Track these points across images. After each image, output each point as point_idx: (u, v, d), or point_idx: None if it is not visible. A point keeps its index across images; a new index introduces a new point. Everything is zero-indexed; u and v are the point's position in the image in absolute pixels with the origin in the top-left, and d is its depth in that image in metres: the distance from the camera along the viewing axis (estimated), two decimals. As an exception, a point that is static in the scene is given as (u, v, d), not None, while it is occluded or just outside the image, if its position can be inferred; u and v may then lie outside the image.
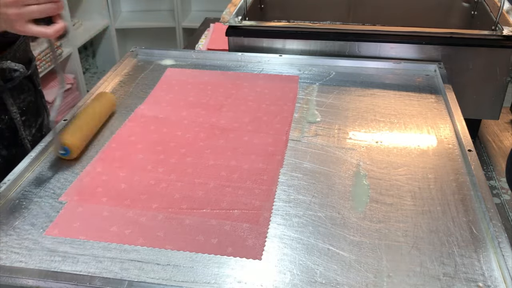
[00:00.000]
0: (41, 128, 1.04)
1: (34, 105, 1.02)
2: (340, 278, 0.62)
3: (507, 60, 1.16)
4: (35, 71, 1.03)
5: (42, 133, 1.04)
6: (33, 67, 1.01)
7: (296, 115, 0.98)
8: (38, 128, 1.03)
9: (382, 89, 1.07)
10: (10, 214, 0.73)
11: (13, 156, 0.95)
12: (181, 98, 1.04)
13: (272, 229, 0.70)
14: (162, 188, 0.78)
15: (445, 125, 0.94)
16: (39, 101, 1.04)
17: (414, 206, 0.74)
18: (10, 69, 0.91)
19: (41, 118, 1.05)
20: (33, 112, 1.02)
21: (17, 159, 0.83)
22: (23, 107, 0.98)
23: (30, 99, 1.01)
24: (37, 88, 1.03)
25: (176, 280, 0.62)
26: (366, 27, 1.25)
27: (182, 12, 3.20)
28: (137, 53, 1.24)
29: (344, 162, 0.84)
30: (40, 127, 1.04)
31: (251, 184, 0.79)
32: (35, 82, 1.03)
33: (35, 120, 1.02)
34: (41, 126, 1.05)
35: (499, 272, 0.63)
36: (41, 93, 1.06)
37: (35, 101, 1.02)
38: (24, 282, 0.62)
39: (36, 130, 1.02)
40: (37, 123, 1.03)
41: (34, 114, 1.02)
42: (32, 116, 1.01)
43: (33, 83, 1.02)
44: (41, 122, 1.04)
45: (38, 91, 1.04)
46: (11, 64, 0.90)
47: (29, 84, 1.00)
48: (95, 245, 0.67)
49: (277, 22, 1.27)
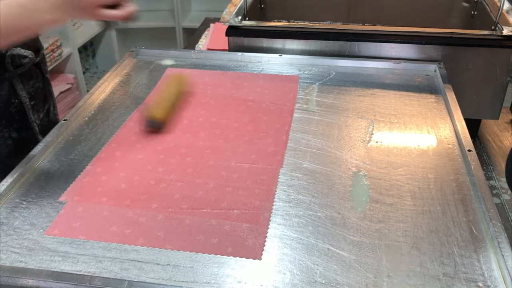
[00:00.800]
0: (48, 113, 1.10)
1: (42, 92, 1.08)
2: (340, 278, 0.62)
3: (507, 60, 1.16)
4: (43, 60, 1.09)
5: (49, 118, 1.10)
6: (41, 55, 1.07)
7: (296, 115, 0.98)
8: (46, 113, 1.09)
9: (382, 89, 1.08)
10: (10, 214, 0.73)
11: (23, 139, 1.01)
12: (186, 97, 1.04)
13: (272, 229, 0.70)
14: (162, 188, 0.78)
15: (445, 125, 0.94)
16: (46, 88, 1.10)
17: (414, 206, 0.74)
18: (20, 55, 0.96)
19: (48, 104, 1.10)
20: (41, 98, 1.07)
21: (26, 142, 0.93)
22: (32, 92, 1.03)
23: (38, 85, 1.06)
24: (44, 75, 1.09)
25: (176, 280, 0.62)
26: (366, 27, 1.25)
27: (182, 12, 3.20)
28: (137, 53, 1.24)
29: (344, 162, 0.84)
30: (47, 112, 1.10)
31: (251, 184, 0.79)
32: (42, 70, 1.08)
33: (43, 105, 1.08)
34: (48, 111, 1.10)
35: (499, 272, 0.63)
36: (48, 81, 1.12)
37: (42, 87, 1.08)
38: (24, 282, 0.62)
39: (44, 115, 1.08)
40: (45, 109, 1.09)
41: (42, 100, 1.08)
42: (40, 101, 1.07)
43: (41, 70, 1.07)
44: (48, 108, 1.10)
45: (46, 79, 1.10)
46: (21, 51, 0.96)
47: (37, 71, 1.06)
48: (95, 245, 0.67)
49: (277, 22, 1.27)
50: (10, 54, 0.94)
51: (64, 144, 0.90)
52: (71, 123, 0.95)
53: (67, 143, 0.90)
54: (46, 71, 1.09)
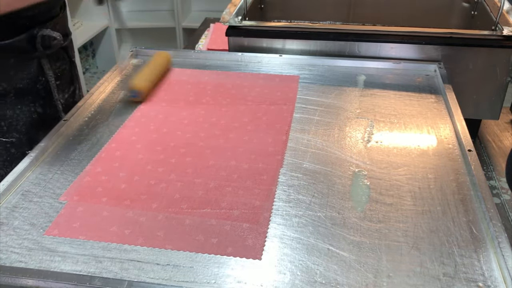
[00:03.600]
0: (73, 95, 1.17)
1: (68, 74, 1.14)
2: (340, 278, 0.62)
3: (507, 60, 1.16)
4: (70, 45, 1.15)
5: (74, 99, 1.16)
6: (69, 40, 1.13)
7: (296, 115, 0.98)
8: (71, 94, 1.16)
9: (382, 89, 1.08)
10: (10, 214, 0.73)
11: (47, 115, 1.08)
12: (181, 98, 1.04)
13: (272, 229, 0.70)
14: (162, 188, 0.78)
15: (445, 125, 0.94)
16: (72, 71, 1.16)
17: (414, 206, 0.74)
18: (50, 36, 1.01)
19: (73, 86, 1.17)
20: (67, 79, 1.14)
21: (50, 118, 1.04)
22: (58, 73, 1.09)
23: (64, 67, 1.12)
24: (71, 59, 1.15)
25: (176, 280, 0.62)
26: (366, 27, 1.25)
27: (182, 12, 3.20)
28: (137, 53, 1.24)
29: (344, 162, 0.84)
30: (72, 93, 1.17)
31: (251, 184, 0.79)
32: (70, 54, 1.14)
33: (68, 87, 1.14)
34: (73, 93, 1.17)
35: (499, 272, 0.63)
36: (75, 65, 1.18)
37: (69, 70, 1.14)
38: (24, 282, 0.62)
39: (69, 96, 1.14)
40: (70, 90, 1.15)
41: (68, 82, 1.14)
42: (66, 82, 1.13)
43: (68, 54, 1.13)
44: (73, 90, 1.17)
45: (72, 62, 1.16)
46: (51, 32, 1.01)
47: (64, 55, 1.11)
48: (95, 245, 0.67)
49: (277, 22, 1.27)
50: (41, 34, 0.99)
51: (64, 144, 0.90)
52: (71, 123, 0.95)
53: (67, 143, 0.90)
54: (73, 55, 1.16)
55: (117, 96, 1.05)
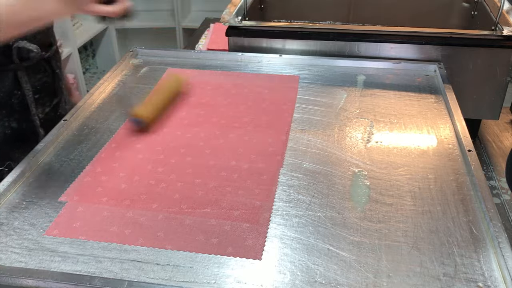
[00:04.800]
0: (56, 108, 1.11)
1: (51, 86, 1.08)
2: (340, 278, 0.62)
3: (507, 60, 1.16)
4: (55, 55, 1.09)
5: (57, 113, 1.10)
6: (52, 51, 1.07)
7: (296, 115, 0.98)
8: (53, 108, 1.10)
9: (382, 89, 1.07)
10: (10, 214, 0.73)
11: (22, 130, 1.02)
12: (181, 98, 1.04)
13: (272, 229, 0.70)
14: (162, 188, 0.78)
15: (445, 125, 0.94)
16: (56, 83, 1.10)
17: (414, 206, 0.74)
18: (26, 49, 0.97)
19: (57, 99, 1.11)
20: (48, 92, 1.08)
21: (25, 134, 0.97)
22: (37, 86, 1.04)
23: (45, 80, 1.06)
24: (54, 71, 1.09)
25: (176, 280, 0.62)
26: (366, 27, 1.25)
27: (182, 12, 3.20)
28: (136, 53, 1.24)
29: (344, 162, 0.84)
30: (55, 107, 1.10)
31: (251, 184, 0.79)
32: (53, 65, 1.08)
33: (49, 100, 1.08)
34: (56, 106, 1.11)
35: (499, 272, 0.63)
36: (59, 76, 1.11)
37: (51, 82, 1.08)
38: (24, 282, 0.62)
39: (51, 110, 1.09)
40: (52, 103, 1.09)
41: (49, 94, 1.08)
42: (47, 95, 1.07)
43: (50, 65, 1.07)
44: (57, 102, 1.11)
45: (56, 74, 1.09)
46: (27, 44, 0.97)
47: (46, 66, 1.06)
48: (95, 245, 0.67)
49: (277, 22, 1.27)
50: (16, 46, 0.95)
51: (64, 144, 0.90)
52: (71, 123, 0.95)
53: (67, 143, 0.90)
54: (57, 66, 1.10)
55: (117, 96, 1.05)
